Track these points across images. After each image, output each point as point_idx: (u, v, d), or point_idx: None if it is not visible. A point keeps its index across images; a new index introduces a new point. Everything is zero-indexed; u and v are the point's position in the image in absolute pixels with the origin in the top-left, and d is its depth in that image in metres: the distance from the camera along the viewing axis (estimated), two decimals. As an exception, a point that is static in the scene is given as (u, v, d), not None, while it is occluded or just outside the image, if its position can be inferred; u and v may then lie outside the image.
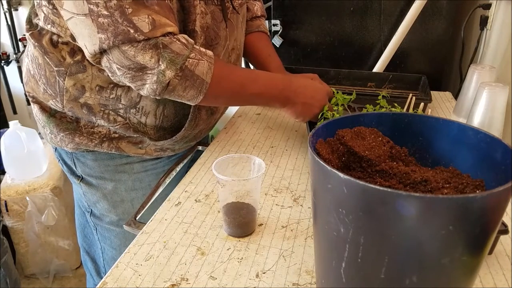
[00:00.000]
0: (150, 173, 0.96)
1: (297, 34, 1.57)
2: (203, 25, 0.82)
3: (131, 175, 0.94)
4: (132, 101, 0.83)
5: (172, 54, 0.71)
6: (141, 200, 0.90)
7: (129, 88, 0.82)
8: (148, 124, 0.87)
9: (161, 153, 0.94)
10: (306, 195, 0.78)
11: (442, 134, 0.51)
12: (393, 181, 0.45)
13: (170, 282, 0.58)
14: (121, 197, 0.95)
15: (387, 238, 0.38)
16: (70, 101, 0.82)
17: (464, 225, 0.36)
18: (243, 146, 0.99)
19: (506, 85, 0.95)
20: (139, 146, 0.90)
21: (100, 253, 1.04)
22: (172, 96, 0.76)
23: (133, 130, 0.86)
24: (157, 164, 0.96)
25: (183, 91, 0.75)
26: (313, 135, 0.47)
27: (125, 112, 0.84)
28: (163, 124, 0.89)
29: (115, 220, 0.97)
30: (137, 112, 0.85)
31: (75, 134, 0.86)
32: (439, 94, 1.37)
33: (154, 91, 0.73)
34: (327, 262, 0.46)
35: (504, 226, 0.60)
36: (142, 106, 0.84)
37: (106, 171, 0.93)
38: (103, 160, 0.91)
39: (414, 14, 1.38)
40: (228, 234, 0.67)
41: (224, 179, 0.63)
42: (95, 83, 0.81)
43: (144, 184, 0.96)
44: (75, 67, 0.80)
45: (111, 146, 0.88)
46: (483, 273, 0.59)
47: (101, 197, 0.95)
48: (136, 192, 0.96)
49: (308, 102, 0.89)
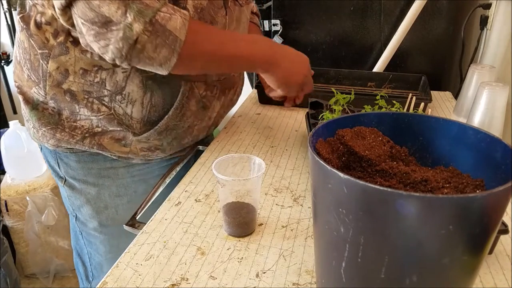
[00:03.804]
0: (136, 179, 0.91)
1: (297, 34, 1.57)
2: (197, 5, 0.75)
3: (115, 180, 0.89)
4: (117, 85, 0.77)
5: (141, 5, 0.63)
6: (126, 207, 0.87)
7: (114, 71, 0.77)
8: (134, 116, 0.81)
9: (149, 154, 0.87)
10: (306, 195, 0.78)
11: (442, 134, 0.51)
12: (393, 181, 0.45)
13: (170, 282, 0.58)
14: (105, 203, 0.91)
15: (387, 238, 0.38)
16: (53, 87, 0.78)
17: (464, 225, 0.36)
18: (243, 146, 0.99)
19: (506, 85, 0.95)
20: (123, 142, 0.83)
21: (87, 258, 1.01)
22: (142, 59, 0.67)
23: (118, 123, 0.81)
24: (144, 169, 0.91)
25: (153, 51, 0.66)
26: (313, 135, 0.47)
27: (110, 101, 0.79)
28: (150, 115, 0.82)
29: (99, 226, 0.93)
30: (122, 100, 0.79)
31: (57, 129, 0.82)
32: (439, 94, 1.37)
33: (120, 51, 0.65)
34: (327, 262, 0.46)
35: (504, 226, 0.60)
36: (128, 93, 0.78)
37: (89, 174, 0.88)
38: (86, 162, 0.87)
39: (414, 14, 1.38)
40: (228, 234, 0.67)
41: (224, 179, 0.63)
42: (78, 66, 0.76)
43: (130, 190, 0.91)
44: (58, 49, 0.75)
45: (93, 143, 0.82)
46: (483, 273, 0.59)
47: (84, 202, 0.91)
48: (120, 199, 0.91)
49: (291, 68, 0.85)
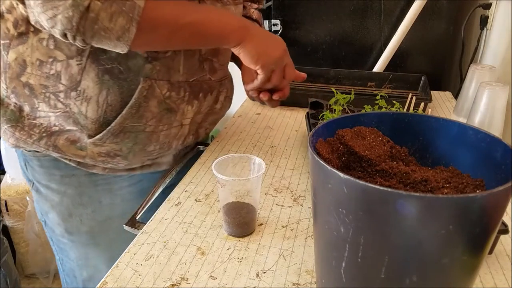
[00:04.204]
0: (100, 189, 0.86)
1: (297, 34, 1.57)
2: None
3: (78, 189, 0.85)
4: (72, 79, 0.73)
5: None
6: (90, 217, 0.85)
7: (68, 63, 0.72)
8: (89, 115, 0.75)
9: (108, 160, 0.81)
10: (306, 195, 0.78)
11: (442, 134, 0.51)
12: (393, 181, 0.45)
13: (170, 282, 0.58)
14: (69, 211, 0.86)
15: (387, 238, 0.38)
16: (13, 79, 0.75)
17: (464, 225, 0.36)
18: (243, 146, 0.99)
19: (506, 85, 0.95)
20: (78, 145, 0.78)
21: (60, 265, 0.97)
22: (97, 32, 0.60)
23: (73, 122, 0.76)
24: (110, 179, 0.86)
25: (109, 20, 0.59)
26: (313, 135, 0.47)
27: (66, 97, 0.74)
28: (106, 115, 0.75)
29: (66, 233, 0.89)
30: (77, 97, 0.73)
31: (16, 127, 0.78)
32: (439, 94, 1.37)
33: (70, 21, 0.58)
34: (327, 262, 0.46)
35: (504, 225, 0.60)
36: (84, 89, 0.73)
37: (52, 180, 0.84)
38: (48, 168, 0.84)
39: (414, 14, 1.38)
40: (228, 234, 0.67)
41: (224, 179, 0.63)
42: (35, 57, 0.72)
43: (94, 200, 0.86)
44: (19, 39, 0.72)
45: (49, 144, 0.78)
46: (483, 273, 0.59)
47: (50, 208, 0.87)
48: (84, 208, 0.86)
49: (267, 41, 0.77)
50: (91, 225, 0.87)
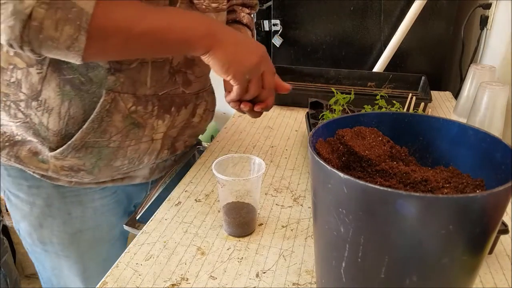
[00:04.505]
0: (69, 201, 0.81)
1: (297, 34, 1.57)
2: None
3: (46, 200, 0.80)
4: (33, 88, 0.68)
5: None
6: (61, 229, 0.82)
7: (28, 71, 0.68)
8: (51, 127, 0.70)
9: (72, 174, 0.75)
10: (306, 194, 0.78)
11: (442, 134, 0.51)
12: (393, 181, 0.45)
13: (170, 282, 0.58)
14: (39, 221, 0.82)
15: (387, 237, 0.38)
16: None
17: (464, 225, 0.36)
18: (243, 146, 0.99)
19: (506, 85, 0.95)
20: (40, 157, 0.74)
21: (38, 273, 0.93)
22: (44, 41, 0.54)
23: (33, 133, 0.72)
24: (79, 191, 0.81)
25: (54, 29, 0.53)
26: (313, 135, 0.47)
27: (26, 107, 0.70)
28: (68, 128, 0.71)
29: (39, 243, 0.85)
30: (38, 107, 0.69)
31: None
32: (439, 94, 1.37)
33: (13, 31, 0.52)
34: (327, 262, 0.46)
35: (504, 225, 0.61)
36: (45, 99, 0.69)
37: (20, 190, 0.80)
38: (16, 178, 0.79)
39: (414, 14, 1.38)
40: (228, 234, 0.67)
41: (224, 179, 0.63)
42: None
43: (63, 212, 0.81)
44: None
45: (10, 155, 0.74)
46: (483, 273, 0.59)
47: (21, 217, 0.84)
48: (53, 220, 0.81)
49: (240, 46, 0.67)
50: (62, 237, 0.83)
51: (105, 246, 0.89)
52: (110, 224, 0.87)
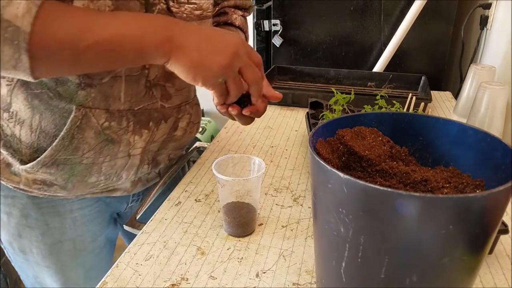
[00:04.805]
0: (46, 212, 0.78)
1: (297, 34, 1.57)
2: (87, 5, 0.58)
3: (22, 211, 0.77)
4: (3, 100, 0.66)
5: None
6: (40, 239, 0.80)
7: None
8: (23, 139, 0.68)
9: (45, 188, 0.73)
10: (306, 194, 0.78)
11: (442, 134, 0.51)
12: (393, 180, 0.45)
13: (170, 282, 0.58)
14: (18, 231, 0.80)
15: (387, 237, 0.38)
16: None
17: (464, 225, 0.36)
18: (243, 146, 0.99)
19: (506, 85, 0.95)
20: (12, 169, 0.71)
21: (23, 281, 0.91)
22: None
23: (4, 145, 0.69)
24: (55, 202, 0.77)
25: None
26: (313, 135, 0.47)
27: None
28: (40, 142, 0.68)
29: (20, 252, 0.83)
30: (10, 118, 0.67)
31: None
32: (439, 94, 1.37)
33: None
34: (327, 262, 0.46)
35: (504, 225, 0.61)
36: (16, 111, 0.67)
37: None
38: None
39: (414, 14, 1.38)
40: (228, 234, 0.67)
41: (224, 179, 0.63)
42: None
43: (41, 223, 0.78)
44: None
45: None
46: (483, 273, 0.59)
47: (1, 227, 0.82)
48: (31, 230, 0.79)
49: (206, 46, 0.58)
50: (42, 248, 0.81)
51: (88, 257, 0.86)
52: (92, 234, 0.85)
